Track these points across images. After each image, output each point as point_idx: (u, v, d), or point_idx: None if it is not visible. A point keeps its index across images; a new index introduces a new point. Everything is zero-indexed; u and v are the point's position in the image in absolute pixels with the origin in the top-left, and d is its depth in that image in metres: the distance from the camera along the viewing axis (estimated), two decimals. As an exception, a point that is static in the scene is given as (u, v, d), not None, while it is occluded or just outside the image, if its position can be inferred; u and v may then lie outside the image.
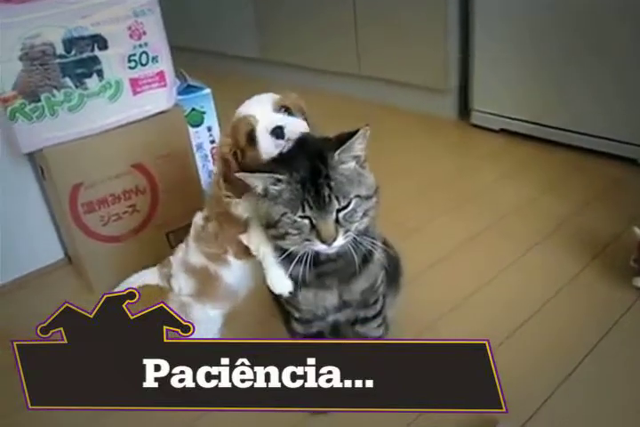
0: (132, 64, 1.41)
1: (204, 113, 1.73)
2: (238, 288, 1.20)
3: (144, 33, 1.39)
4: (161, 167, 1.58)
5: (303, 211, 0.90)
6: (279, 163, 0.95)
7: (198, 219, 1.20)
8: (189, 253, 1.20)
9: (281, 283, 1.04)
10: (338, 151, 0.91)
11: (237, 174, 0.94)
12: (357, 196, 0.92)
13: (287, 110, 1.01)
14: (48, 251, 1.73)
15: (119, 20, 1.34)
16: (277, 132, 0.97)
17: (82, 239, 1.55)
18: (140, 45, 1.40)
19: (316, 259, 0.98)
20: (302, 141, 0.98)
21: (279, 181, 0.92)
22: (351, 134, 0.92)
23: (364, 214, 0.94)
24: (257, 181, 0.93)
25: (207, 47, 3.07)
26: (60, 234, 1.72)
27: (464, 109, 2.35)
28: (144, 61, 1.42)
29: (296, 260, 0.97)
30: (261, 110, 0.99)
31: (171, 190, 1.62)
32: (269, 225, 0.96)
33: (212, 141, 1.79)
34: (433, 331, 1.33)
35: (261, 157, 0.98)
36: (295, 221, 0.92)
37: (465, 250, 1.63)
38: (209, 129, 1.77)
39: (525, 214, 1.76)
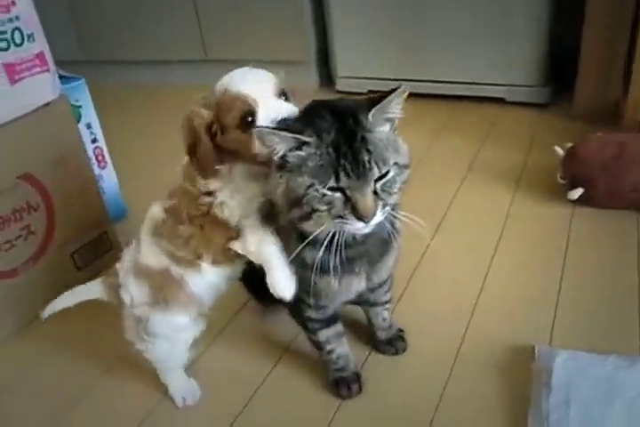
0: (4, 44, 1.11)
1: (79, 107, 1.45)
2: (204, 297, 1.00)
3: (13, 3, 1.10)
4: (53, 174, 1.29)
5: (337, 181, 0.74)
6: (301, 123, 0.78)
7: (157, 210, 0.97)
8: (142, 251, 0.98)
9: (285, 285, 0.89)
10: (373, 111, 0.77)
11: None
12: (396, 163, 0.78)
13: (285, 96, 0.85)
14: None
15: (-21, -13, 1.05)
16: None
17: (-34, 281, 1.21)
18: (11, 20, 1.11)
19: (343, 242, 0.82)
20: (324, 101, 0.82)
21: (305, 144, 0.75)
22: (386, 93, 0.78)
23: (400, 187, 0.80)
24: (279, 143, 0.75)
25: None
26: None
27: (326, 79, 2.32)
28: (18, 40, 1.13)
29: (323, 245, 0.81)
30: (262, 93, 0.82)
31: (68, 202, 1.34)
32: (292, 204, 0.78)
33: (94, 140, 1.52)
34: (414, 287, 1.28)
35: (255, 147, 0.82)
36: (324, 195, 0.75)
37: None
38: (88, 126, 1.49)
39: (435, 163, 1.77)
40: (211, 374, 1.12)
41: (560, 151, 1.50)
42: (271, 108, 0.81)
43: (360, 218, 0.75)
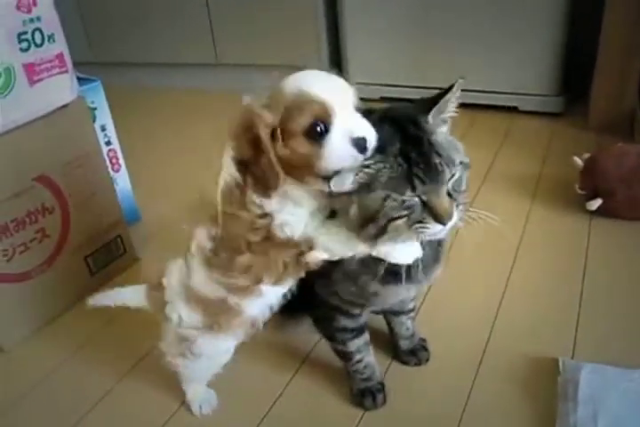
0: (25, 45, 1.10)
1: (95, 109, 1.44)
2: (259, 318, 0.96)
3: (34, 4, 1.08)
4: (69, 177, 1.27)
5: (413, 189, 0.71)
6: None
7: (203, 239, 0.88)
8: (195, 279, 0.91)
9: (410, 252, 0.81)
10: (432, 112, 0.75)
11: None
12: (461, 162, 0.76)
13: (361, 113, 0.75)
14: None
15: (1, -14, 1.03)
16: (361, 144, 0.71)
17: (-20, 284, 1.19)
18: (32, 20, 1.09)
19: None
20: (372, 111, 0.78)
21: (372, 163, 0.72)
22: (443, 92, 0.76)
23: (467, 185, 0.78)
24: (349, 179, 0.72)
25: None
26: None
27: (338, 85, 2.31)
28: (38, 41, 1.11)
29: None
30: (342, 103, 0.72)
31: (83, 204, 1.32)
32: (366, 220, 0.75)
33: (108, 142, 1.51)
34: (434, 298, 1.26)
35: (326, 164, 0.72)
36: (404, 201, 0.72)
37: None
38: (103, 128, 1.48)
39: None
40: (228, 385, 1.09)
41: (578, 162, 1.49)
42: (348, 123, 0.71)
43: (440, 220, 0.73)
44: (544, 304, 1.23)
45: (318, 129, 0.71)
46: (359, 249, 0.81)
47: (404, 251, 0.81)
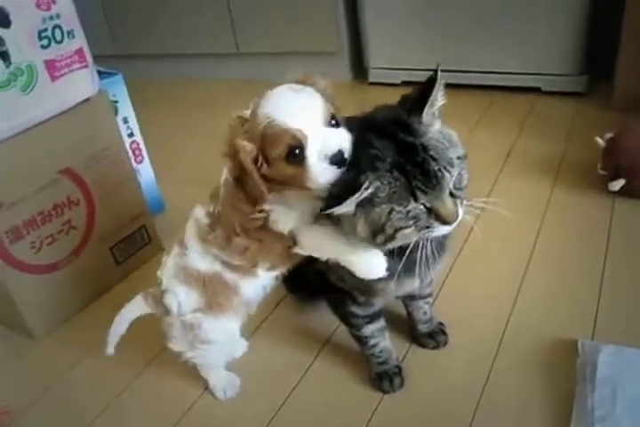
0: (45, 42, 1.12)
1: (116, 102, 1.47)
2: (254, 299, 1.01)
3: (53, 1, 1.11)
4: (93, 169, 1.31)
5: (416, 200, 0.72)
6: (351, 162, 0.75)
7: (200, 215, 0.94)
8: (191, 257, 0.95)
9: (378, 266, 0.84)
10: (425, 111, 0.74)
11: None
12: (458, 158, 0.76)
13: (335, 120, 0.78)
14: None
15: (21, -15, 1.05)
16: (338, 160, 0.75)
17: (10, 275, 1.22)
18: (52, 17, 1.12)
19: (426, 246, 0.80)
20: (360, 120, 0.79)
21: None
22: (428, 85, 0.74)
23: (468, 178, 0.78)
24: (348, 207, 0.74)
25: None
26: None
27: (359, 70, 2.30)
28: (59, 38, 1.14)
29: (407, 252, 0.80)
30: (310, 123, 0.75)
31: (107, 196, 1.36)
32: (375, 232, 0.76)
33: (131, 134, 1.54)
34: (454, 280, 1.26)
35: (312, 185, 0.77)
36: (408, 212, 0.73)
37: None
38: (125, 120, 1.51)
39: (472, 155, 1.72)
40: (251, 369, 1.13)
41: (601, 142, 1.47)
42: (321, 142, 0.75)
43: (447, 223, 0.75)
44: (565, 285, 1.23)
45: (295, 154, 0.76)
46: (330, 255, 0.86)
47: (368, 265, 0.84)
